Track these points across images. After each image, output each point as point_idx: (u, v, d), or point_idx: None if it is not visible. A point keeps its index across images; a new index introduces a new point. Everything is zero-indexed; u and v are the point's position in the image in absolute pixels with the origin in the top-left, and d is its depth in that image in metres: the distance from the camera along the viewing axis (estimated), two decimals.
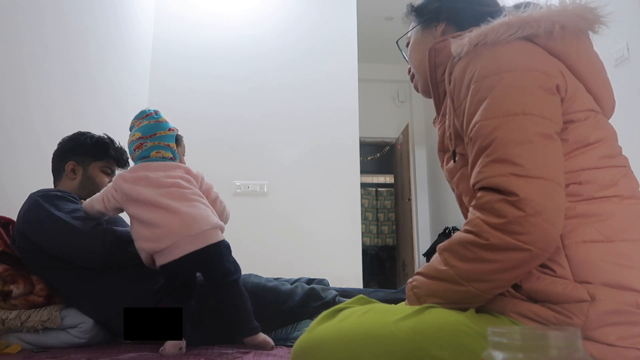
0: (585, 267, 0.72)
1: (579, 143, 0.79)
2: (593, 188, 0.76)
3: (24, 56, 1.95)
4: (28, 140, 1.95)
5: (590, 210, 0.75)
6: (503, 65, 0.80)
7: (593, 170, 0.78)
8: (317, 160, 3.56)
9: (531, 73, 0.79)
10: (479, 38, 0.83)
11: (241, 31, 3.73)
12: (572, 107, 0.80)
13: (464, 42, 0.85)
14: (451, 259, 0.78)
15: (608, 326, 0.69)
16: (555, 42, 0.83)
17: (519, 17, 0.83)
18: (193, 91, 3.51)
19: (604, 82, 0.89)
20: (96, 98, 2.58)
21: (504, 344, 0.47)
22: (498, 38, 0.82)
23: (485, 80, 0.80)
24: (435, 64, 0.95)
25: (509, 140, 0.74)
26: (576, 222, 0.74)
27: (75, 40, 2.40)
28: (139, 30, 3.34)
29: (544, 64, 0.81)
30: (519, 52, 0.82)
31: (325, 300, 1.59)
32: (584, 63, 0.85)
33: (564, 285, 0.71)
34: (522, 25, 0.82)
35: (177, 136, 1.51)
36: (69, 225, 1.42)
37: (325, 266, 3.18)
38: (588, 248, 0.73)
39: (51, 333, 1.50)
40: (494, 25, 0.83)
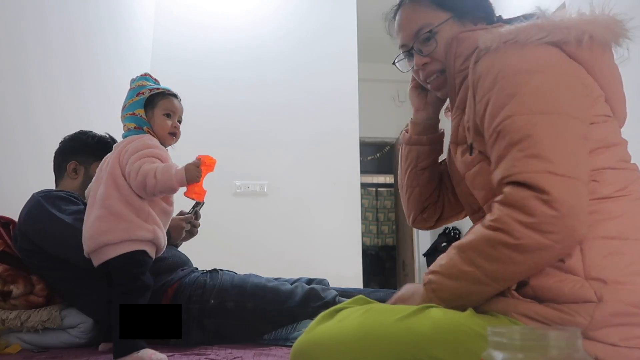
0: (597, 264, 0.72)
1: (598, 142, 0.80)
2: (611, 187, 0.77)
3: (26, 56, 1.94)
4: (29, 140, 1.95)
5: (608, 208, 0.76)
6: (535, 64, 0.81)
7: (610, 170, 0.79)
8: (317, 160, 3.56)
9: (563, 74, 0.81)
10: (510, 35, 0.83)
11: (241, 32, 3.73)
12: (593, 111, 0.82)
13: (493, 37, 0.85)
14: (478, 259, 0.76)
15: (612, 327, 0.69)
16: (582, 51, 0.83)
17: (552, 21, 0.83)
18: (193, 91, 3.50)
19: (620, 95, 0.91)
20: (96, 98, 2.58)
21: (504, 344, 0.47)
22: (529, 39, 0.82)
23: (516, 77, 0.80)
24: (455, 54, 0.94)
25: (545, 138, 0.74)
26: (593, 218, 0.74)
27: (75, 40, 2.40)
28: (138, 32, 3.34)
29: (574, 68, 0.83)
30: (550, 55, 0.82)
31: (325, 300, 1.59)
32: (605, 75, 0.87)
33: (572, 284, 0.71)
34: (554, 30, 0.82)
35: (155, 96, 1.34)
36: (70, 226, 1.42)
37: (325, 266, 3.17)
38: (603, 244, 0.73)
39: (51, 333, 1.50)
40: (525, 25, 0.83)
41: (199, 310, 1.53)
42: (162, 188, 1.23)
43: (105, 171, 1.29)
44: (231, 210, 3.40)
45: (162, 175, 1.21)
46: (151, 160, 1.25)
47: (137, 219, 1.24)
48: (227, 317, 1.53)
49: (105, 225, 1.22)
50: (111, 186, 1.25)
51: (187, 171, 1.24)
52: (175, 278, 1.61)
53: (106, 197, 1.24)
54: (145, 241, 1.24)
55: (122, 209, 1.23)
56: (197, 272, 1.69)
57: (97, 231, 1.22)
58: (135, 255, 1.22)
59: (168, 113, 1.35)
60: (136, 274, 1.22)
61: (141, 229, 1.23)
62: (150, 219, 1.26)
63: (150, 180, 1.21)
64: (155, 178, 1.21)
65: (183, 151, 3.57)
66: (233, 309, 1.54)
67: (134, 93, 1.34)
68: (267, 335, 1.56)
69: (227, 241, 3.24)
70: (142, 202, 1.26)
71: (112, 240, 1.20)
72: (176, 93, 1.40)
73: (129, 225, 1.22)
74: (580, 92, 0.80)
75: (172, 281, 1.59)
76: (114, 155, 1.30)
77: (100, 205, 1.24)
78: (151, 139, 1.31)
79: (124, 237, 1.21)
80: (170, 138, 1.37)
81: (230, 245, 3.24)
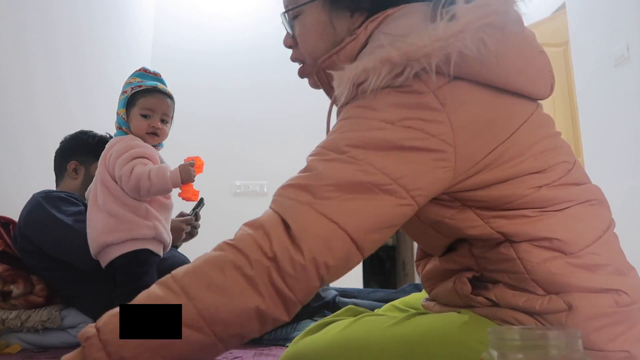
0: (555, 284, 0.67)
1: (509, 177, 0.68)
2: (533, 209, 0.69)
3: (29, 56, 1.95)
4: (31, 140, 1.95)
5: (536, 230, 0.68)
6: (382, 140, 0.63)
7: (530, 195, 0.68)
8: None
9: (415, 154, 0.63)
10: (360, 78, 0.66)
11: (241, 33, 3.73)
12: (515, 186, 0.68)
13: (344, 81, 0.67)
14: (196, 291, 0.64)
15: (593, 332, 0.66)
16: (454, 69, 0.64)
17: (406, 50, 0.63)
18: (193, 91, 3.51)
19: (535, 69, 0.73)
20: (95, 98, 2.58)
21: (504, 344, 0.47)
22: (378, 84, 0.64)
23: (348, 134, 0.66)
24: (331, 88, 0.75)
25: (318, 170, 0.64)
26: (527, 244, 0.68)
27: (75, 41, 2.40)
28: (137, 33, 3.34)
29: (433, 148, 0.64)
30: (400, 115, 0.64)
31: (325, 300, 1.59)
32: (501, 66, 0.67)
33: (540, 302, 0.67)
34: (410, 63, 0.63)
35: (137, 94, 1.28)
36: (70, 227, 1.42)
37: None
38: (550, 266, 0.67)
39: (51, 333, 1.51)
40: (375, 61, 0.65)
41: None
42: (157, 190, 1.23)
43: (100, 173, 1.29)
44: (231, 210, 3.39)
45: (157, 177, 1.21)
46: (142, 161, 1.24)
47: (137, 217, 1.24)
48: None
49: (107, 226, 1.22)
50: (104, 191, 1.25)
51: (183, 172, 1.24)
52: None
53: (104, 202, 1.24)
54: (148, 239, 1.24)
55: (119, 211, 1.23)
56: None
57: (101, 233, 1.23)
58: (138, 255, 1.22)
59: (145, 113, 1.28)
60: (138, 273, 1.22)
61: (142, 227, 1.23)
62: (150, 215, 1.26)
63: (145, 183, 1.20)
64: (149, 180, 1.20)
65: (183, 151, 3.57)
66: None
67: (122, 91, 1.32)
68: (267, 335, 1.56)
69: None
70: (137, 201, 1.26)
71: (114, 240, 1.21)
72: (165, 89, 1.32)
73: (129, 224, 1.22)
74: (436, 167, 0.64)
75: None
76: (100, 160, 1.30)
77: (101, 210, 1.25)
78: (133, 139, 1.29)
79: (126, 237, 1.21)
80: (150, 138, 1.30)
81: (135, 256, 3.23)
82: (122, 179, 1.22)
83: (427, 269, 0.84)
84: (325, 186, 0.62)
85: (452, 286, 0.75)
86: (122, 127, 1.31)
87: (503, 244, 0.69)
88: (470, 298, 0.73)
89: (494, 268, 0.71)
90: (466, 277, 0.73)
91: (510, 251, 0.69)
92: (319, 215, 0.61)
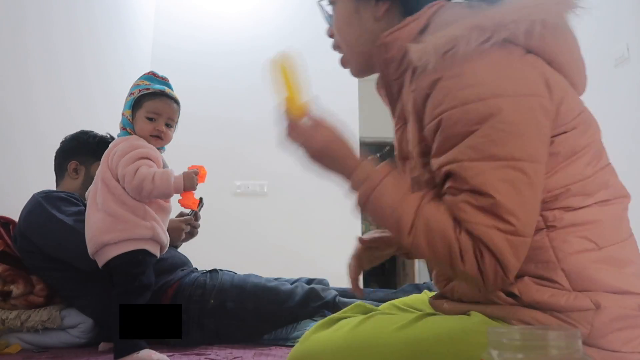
0: (583, 278, 0.69)
1: (568, 153, 0.73)
2: (581, 198, 0.72)
3: (28, 56, 1.94)
4: (30, 140, 1.95)
5: (579, 219, 0.71)
6: (486, 89, 0.68)
7: (581, 182, 0.73)
8: None
9: (519, 99, 0.68)
10: (447, 46, 0.69)
11: (241, 33, 3.72)
12: (560, 119, 0.73)
13: (427, 49, 0.71)
14: (420, 235, 0.70)
15: (614, 332, 0.68)
16: (535, 41, 0.71)
17: (492, 18, 0.69)
18: (193, 91, 3.50)
19: (579, 63, 0.81)
20: (95, 98, 2.58)
21: (504, 344, 0.47)
22: (470, 47, 0.68)
23: (467, 108, 0.68)
24: (386, 61, 0.83)
25: (499, 194, 0.66)
26: (566, 231, 0.71)
27: (74, 41, 2.40)
28: (136, 33, 3.34)
29: (530, 82, 0.70)
30: (500, 70, 0.70)
31: (325, 300, 1.59)
32: (563, 52, 0.76)
33: (566, 298, 0.69)
34: (498, 29, 0.68)
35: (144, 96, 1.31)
36: (70, 227, 1.42)
37: (325, 266, 3.17)
38: (582, 258, 0.70)
39: (51, 333, 1.51)
40: (463, 29, 0.69)
41: (199, 310, 1.53)
42: (158, 193, 1.24)
43: (101, 172, 1.29)
44: (231, 210, 3.39)
45: (160, 181, 1.22)
46: (147, 163, 1.24)
47: (135, 217, 1.23)
48: (227, 317, 1.53)
49: (104, 226, 1.22)
50: (104, 190, 1.25)
51: (186, 180, 1.25)
52: (175, 278, 1.61)
53: (103, 201, 1.24)
54: (146, 239, 1.24)
55: (118, 210, 1.22)
56: (196, 272, 1.69)
57: (97, 232, 1.22)
58: (135, 255, 1.22)
59: (151, 116, 1.30)
60: (134, 274, 1.21)
61: (139, 227, 1.23)
62: (148, 216, 1.26)
63: (148, 185, 1.21)
64: (153, 183, 1.21)
65: (183, 151, 3.58)
66: (233, 309, 1.54)
67: (129, 93, 1.34)
68: (267, 335, 1.56)
69: (227, 241, 3.23)
70: (136, 202, 1.25)
71: (111, 240, 1.21)
72: (171, 94, 1.35)
73: (126, 224, 1.22)
74: (538, 121, 0.69)
75: (172, 281, 1.59)
76: (103, 158, 1.30)
77: (99, 209, 1.24)
78: (138, 139, 1.29)
79: (123, 237, 1.21)
80: (154, 141, 1.32)
81: (230, 245, 3.23)
82: (126, 177, 1.22)
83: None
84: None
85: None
86: (126, 128, 1.32)
87: (539, 232, 0.71)
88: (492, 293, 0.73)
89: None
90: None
91: (545, 240, 0.71)
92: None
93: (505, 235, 0.65)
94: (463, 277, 0.70)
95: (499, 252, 0.65)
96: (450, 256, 0.67)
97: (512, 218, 0.65)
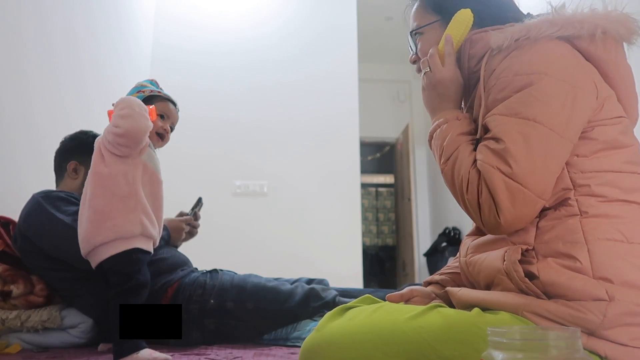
0: (605, 265, 0.73)
1: (607, 144, 0.81)
2: (616, 191, 0.78)
3: (26, 56, 1.94)
4: (29, 140, 1.95)
5: (614, 211, 0.76)
6: (537, 66, 0.81)
7: (617, 174, 0.79)
8: (317, 161, 3.56)
9: (560, 82, 0.79)
10: (521, 33, 0.84)
11: (241, 33, 3.73)
12: (601, 115, 0.82)
13: (505, 36, 0.85)
14: (450, 164, 0.87)
15: (622, 326, 0.70)
16: (596, 47, 0.84)
17: (564, 16, 0.83)
18: (193, 91, 3.51)
19: (632, 94, 0.90)
20: (94, 99, 2.58)
21: (504, 344, 0.47)
22: (540, 35, 0.82)
23: (515, 78, 0.81)
24: (469, 55, 0.95)
25: (509, 140, 0.78)
26: (599, 220, 0.76)
27: (75, 40, 2.40)
28: (136, 33, 3.34)
29: (577, 75, 0.81)
30: (556, 56, 0.82)
31: (325, 300, 1.59)
32: (619, 71, 0.86)
33: (583, 282, 0.72)
34: (565, 25, 0.82)
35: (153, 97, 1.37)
36: (70, 227, 1.41)
37: (325, 266, 3.18)
38: (609, 246, 0.74)
39: (51, 333, 1.50)
40: (537, 21, 0.84)
41: (199, 310, 1.53)
42: (136, 122, 1.19)
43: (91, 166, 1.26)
44: (231, 210, 3.40)
45: (122, 110, 1.20)
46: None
47: (123, 211, 1.20)
48: (227, 317, 1.54)
49: (93, 226, 1.20)
50: (94, 182, 1.22)
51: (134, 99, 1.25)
52: (175, 278, 1.61)
53: (91, 197, 1.21)
54: (135, 236, 1.21)
55: (105, 206, 1.19)
56: (197, 272, 1.69)
57: (88, 233, 1.20)
58: (128, 255, 1.20)
59: (162, 114, 1.38)
60: (129, 272, 1.20)
61: (128, 223, 1.20)
62: (140, 207, 1.22)
63: (121, 122, 1.18)
64: (122, 119, 1.18)
65: (183, 151, 3.56)
66: (233, 309, 1.54)
67: (135, 90, 1.38)
68: (267, 335, 1.56)
69: (227, 241, 3.24)
70: (128, 189, 1.22)
71: (102, 240, 1.18)
72: (175, 101, 1.44)
73: (114, 221, 1.19)
74: (574, 105, 0.79)
75: (172, 281, 1.59)
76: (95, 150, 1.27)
77: (87, 206, 1.22)
78: None
79: (112, 236, 1.19)
80: (157, 139, 1.37)
81: (230, 245, 3.24)
82: (108, 137, 1.20)
83: (478, 241, 0.91)
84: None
85: (500, 254, 0.81)
86: None
87: (573, 217, 0.77)
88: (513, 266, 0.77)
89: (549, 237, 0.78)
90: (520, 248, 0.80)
91: (577, 224, 0.77)
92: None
93: (502, 176, 0.77)
94: (467, 209, 0.83)
95: (493, 189, 0.77)
96: (460, 185, 0.83)
97: (513, 162, 0.76)
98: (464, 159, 0.84)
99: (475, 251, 0.91)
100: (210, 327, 1.53)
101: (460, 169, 0.84)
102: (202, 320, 1.52)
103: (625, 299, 0.70)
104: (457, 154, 0.86)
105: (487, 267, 0.84)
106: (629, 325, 0.70)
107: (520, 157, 0.76)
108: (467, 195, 0.81)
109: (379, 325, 0.78)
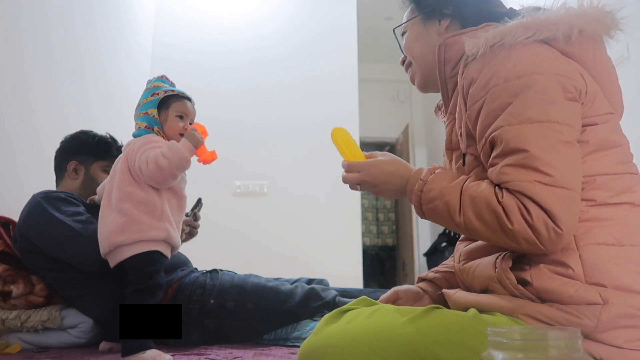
0: (597, 269, 0.72)
1: (598, 145, 0.79)
2: (607, 193, 0.77)
3: (25, 57, 1.94)
4: (28, 140, 1.95)
5: (604, 215, 0.76)
6: (525, 68, 0.78)
7: (609, 176, 0.78)
8: (317, 160, 3.56)
9: (553, 77, 0.78)
10: (495, 39, 0.81)
11: (241, 33, 3.73)
12: (592, 111, 0.80)
13: (479, 42, 0.83)
14: (467, 208, 0.78)
15: (618, 329, 0.70)
16: (572, 47, 0.82)
17: (537, 19, 0.81)
18: (193, 91, 3.49)
19: (615, 87, 0.89)
20: (93, 99, 2.58)
21: (504, 344, 0.47)
22: (515, 40, 0.80)
23: (507, 84, 0.78)
24: (444, 60, 0.93)
25: (534, 148, 0.74)
26: (590, 225, 0.75)
27: (75, 41, 2.40)
28: (137, 33, 3.34)
29: (565, 67, 0.80)
30: (539, 56, 0.80)
31: (325, 300, 1.59)
32: (599, 68, 0.85)
33: (576, 288, 0.72)
34: (540, 28, 0.80)
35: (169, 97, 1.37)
36: (70, 228, 1.41)
37: (325, 266, 3.17)
38: (601, 250, 0.74)
39: (51, 333, 1.51)
40: (510, 26, 0.82)
41: (199, 310, 1.53)
42: (177, 164, 1.23)
43: (117, 172, 1.29)
44: (231, 210, 3.40)
45: (170, 152, 1.23)
46: (152, 146, 1.26)
47: (150, 219, 1.24)
48: (227, 317, 1.54)
49: (118, 227, 1.22)
50: (124, 188, 1.26)
51: (189, 137, 1.27)
52: (175, 278, 1.61)
53: (119, 200, 1.24)
54: (158, 241, 1.25)
55: (134, 211, 1.23)
56: (196, 272, 1.69)
57: (111, 233, 1.23)
58: (150, 255, 1.23)
59: (181, 115, 1.37)
60: (150, 272, 1.23)
61: (154, 229, 1.23)
62: (164, 217, 1.26)
63: (162, 162, 1.21)
64: (165, 158, 1.22)
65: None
66: (233, 309, 1.54)
67: (149, 93, 1.37)
68: (267, 335, 1.56)
69: (227, 241, 3.24)
70: (157, 199, 1.26)
71: (125, 241, 1.21)
72: (190, 97, 1.43)
73: (141, 226, 1.22)
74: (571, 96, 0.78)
75: (172, 281, 1.59)
76: (123, 156, 1.31)
77: (114, 209, 1.25)
78: (154, 137, 1.32)
79: (137, 238, 1.22)
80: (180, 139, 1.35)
81: (230, 245, 3.24)
82: (142, 168, 1.23)
83: (470, 247, 0.90)
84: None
85: (491, 260, 0.81)
86: (153, 127, 1.33)
87: None
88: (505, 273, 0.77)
89: None
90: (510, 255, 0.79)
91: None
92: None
93: (546, 187, 0.71)
94: (517, 241, 0.74)
95: (542, 201, 0.71)
96: (498, 221, 0.74)
97: (549, 169, 0.72)
98: (481, 195, 0.77)
99: (467, 258, 0.91)
100: (210, 327, 1.53)
101: (484, 208, 0.76)
102: (202, 320, 1.52)
103: (619, 301, 0.70)
104: (468, 197, 0.79)
105: (479, 275, 0.85)
106: (624, 328, 0.70)
107: (553, 161, 0.72)
108: (513, 226, 0.72)
109: (377, 329, 0.78)
